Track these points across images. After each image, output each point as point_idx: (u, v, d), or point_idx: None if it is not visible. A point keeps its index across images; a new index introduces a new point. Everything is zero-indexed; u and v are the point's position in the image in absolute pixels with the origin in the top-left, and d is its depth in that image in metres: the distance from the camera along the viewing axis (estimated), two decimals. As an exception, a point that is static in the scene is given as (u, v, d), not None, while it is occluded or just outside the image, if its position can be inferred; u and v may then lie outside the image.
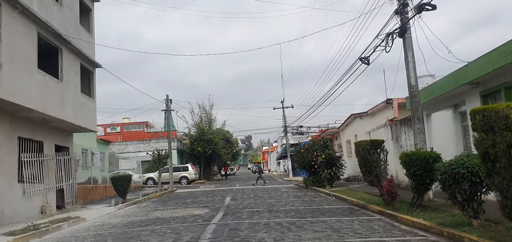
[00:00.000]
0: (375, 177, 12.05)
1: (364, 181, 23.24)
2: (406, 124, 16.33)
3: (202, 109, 50.28)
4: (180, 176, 38.07)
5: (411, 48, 12.25)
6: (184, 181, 37.58)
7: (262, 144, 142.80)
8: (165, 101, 32.34)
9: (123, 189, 20.17)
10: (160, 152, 27.80)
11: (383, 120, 19.06)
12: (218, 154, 48.29)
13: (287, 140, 46.32)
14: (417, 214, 9.93)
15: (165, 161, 28.22)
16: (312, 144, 24.56)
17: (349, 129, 25.59)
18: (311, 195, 19.12)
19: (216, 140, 47.87)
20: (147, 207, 18.13)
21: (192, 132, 49.81)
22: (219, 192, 24.85)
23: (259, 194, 21.25)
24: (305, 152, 24.19)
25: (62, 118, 15.97)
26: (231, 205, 16.22)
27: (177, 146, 47.59)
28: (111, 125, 70.51)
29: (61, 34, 15.78)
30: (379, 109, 19.46)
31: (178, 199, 21.55)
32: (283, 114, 46.19)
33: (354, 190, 18.60)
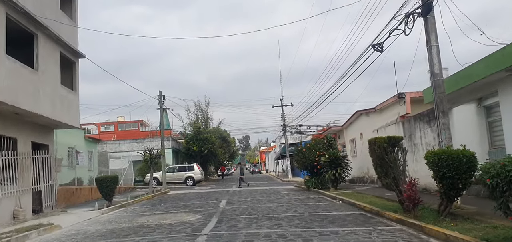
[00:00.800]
0: (393, 180, 10.37)
1: (370, 183, 21.63)
2: (422, 120, 14.68)
3: (198, 108, 48.61)
4: (186, 176, 36.44)
5: (435, 31, 10.59)
6: (190, 181, 35.95)
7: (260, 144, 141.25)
8: (158, 98, 30.61)
9: (108, 191, 18.45)
10: (151, 151, 26.08)
11: (394, 116, 17.40)
12: (214, 153, 46.59)
13: (286, 139, 44.64)
14: (448, 225, 8.27)
15: (157, 161, 26.48)
16: (314, 142, 22.89)
17: (354, 127, 23.93)
18: (314, 199, 17.44)
19: (213, 139, 46.16)
20: (134, 211, 16.43)
21: (188, 131, 48.10)
22: (214, 194, 23.15)
23: (257, 197, 19.57)
24: (307, 151, 22.52)
25: (37, 112, 14.23)
26: (226, 210, 14.52)
27: (172, 145, 45.83)
28: (105, 124, 68.83)
29: (36, 18, 14.04)
30: (389, 104, 17.81)
31: (169, 201, 19.85)
32: (282, 113, 44.51)
33: (361, 193, 16.93)
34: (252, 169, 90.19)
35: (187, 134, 47.50)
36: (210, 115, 49.08)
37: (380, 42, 12.56)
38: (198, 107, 48.54)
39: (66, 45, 16.65)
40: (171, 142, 45.89)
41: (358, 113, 22.23)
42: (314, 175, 22.61)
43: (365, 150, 22.22)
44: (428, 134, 14.32)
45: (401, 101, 16.53)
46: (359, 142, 23.00)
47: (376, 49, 12.75)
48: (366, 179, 22.19)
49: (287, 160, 43.57)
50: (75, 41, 17.82)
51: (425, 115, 14.39)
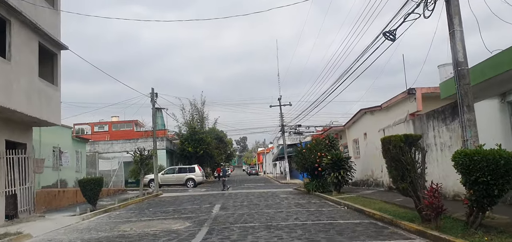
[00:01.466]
0: (410, 184, 8.98)
1: (375, 186, 20.24)
2: (436, 117, 13.29)
3: (193, 107, 47.22)
4: (186, 177, 34.97)
5: (458, 14, 9.22)
6: (191, 183, 34.52)
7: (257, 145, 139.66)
8: (151, 96, 29.16)
9: (92, 194, 17.00)
10: (142, 152, 24.61)
11: (402, 114, 16.02)
12: (210, 154, 45.18)
13: (284, 140, 43.26)
14: (481, 240, 6.90)
15: (148, 162, 25.03)
16: (315, 143, 21.49)
17: (357, 126, 22.55)
18: (316, 203, 16.03)
19: (208, 139, 44.77)
20: (119, 217, 14.99)
21: (183, 131, 46.66)
22: (209, 198, 21.72)
23: (254, 201, 18.15)
24: (307, 152, 21.12)
25: (9, 106, 12.77)
26: (219, 216, 13.09)
27: (167, 145, 44.33)
28: (99, 124, 67.36)
29: (8, 2, 12.59)
30: (397, 102, 16.42)
31: (159, 206, 18.41)
32: (280, 113, 43.14)
33: (368, 198, 15.53)
34: (249, 170, 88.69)
35: (182, 134, 46.06)
36: (206, 115, 47.74)
37: (393, 30, 11.18)
38: (194, 107, 47.23)
39: (46, 35, 15.18)
40: (166, 142, 44.40)
41: (361, 112, 20.86)
42: (315, 177, 21.22)
43: (369, 151, 20.87)
44: (443, 133, 12.93)
45: (411, 98, 15.15)
46: (363, 142, 21.62)
47: (387, 38, 11.37)
48: (371, 182, 20.81)
49: (285, 161, 42.18)
50: (56, 31, 16.35)
51: (440, 112, 13.01)
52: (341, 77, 19.80)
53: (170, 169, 36.06)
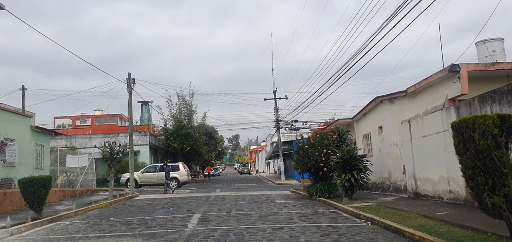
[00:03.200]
0: (505, 199, 5.27)
1: (394, 191, 16.49)
2: (497, 100, 9.59)
3: (181, 99, 43.25)
4: (169, 177, 30.82)
5: None
6: (174, 183, 30.45)
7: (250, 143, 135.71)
8: (127, 82, 25.24)
9: (36, 198, 13.09)
10: (112, 146, 20.73)
11: (439, 99, 12.33)
12: (198, 151, 41.25)
13: (279, 136, 39.53)
14: None
15: (120, 158, 21.13)
16: (320, 137, 17.75)
17: (370, 118, 18.86)
18: (326, 215, 12.31)
19: (196, 135, 40.85)
20: (65, 230, 11.20)
21: (169, 125, 42.73)
22: (190, 202, 17.93)
23: (244, 209, 14.41)
24: (310, 149, 17.39)
25: None
26: (194, 236, 9.28)
27: (151, 141, 40.42)
28: (81, 117, 63.28)
29: None
30: (431, 84, 12.70)
31: (125, 213, 14.56)
32: (275, 106, 39.37)
33: (394, 208, 11.83)
34: (241, 169, 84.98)
35: (167, 129, 42.13)
36: (194, 108, 43.80)
37: None
38: (181, 99, 43.24)
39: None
40: (149, 137, 40.49)
41: (377, 100, 17.17)
42: (319, 179, 17.53)
43: (385, 148, 17.22)
44: None
45: (453, 77, 11.44)
46: (377, 137, 17.94)
47: None
48: (387, 186, 17.14)
49: (280, 160, 38.49)
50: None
51: (506, 92, 9.30)
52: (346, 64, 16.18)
53: (151, 167, 32.13)
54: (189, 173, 32.16)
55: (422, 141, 13.41)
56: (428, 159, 13.11)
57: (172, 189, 25.41)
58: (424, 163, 13.42)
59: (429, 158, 13.00)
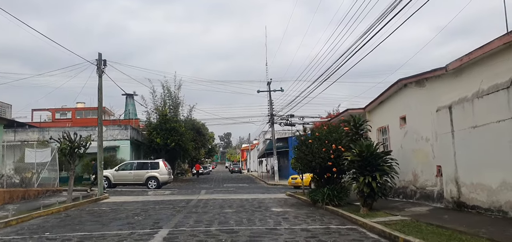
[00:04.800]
0: None
1: (423, 199, 12.86)
2: None
3: (166, 91, 39.43)
4: (147, 176, 26.89)
5: None
6: (153, 183, 26.68)
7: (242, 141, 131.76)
8: (97, 63, 21.45)
9: None
10: (72, 138, 16.98)
11: (500, 76, 8.82)
12: (184, 147, 37.57)
13: (274, 132, 35.93)
14: None
15: (80, 153, 17.37)
16: (327, 129, 14.16)
17: (388, 107, 15.33)
18: (344, 234, 8.73)
19: (182, 129, 37.19)
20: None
21: (152, 119, 38.98)
22: (163, 210, 14.28)
23: (230, 221, 10.81)
24: (315, 144, 13.79)
25: None
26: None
27: (132, 136, 36.61)
28: (61, 110, 59.23)
29: None
30: (487, 55, 9.20)
31: (69, 226, 10.86)
32: (270, 99, 35.75)
33: (441, 226, 8.29)
34: (232, 167, 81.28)
35: (150, 122, 38.37)
36: (180, 101, 40.01)
37: None
38: (166, 90, 39.41)
39: None
40: (130, 131, 36.63)
41: (399, 83, 13.63)
42: (325, 181, 13.99)
43: (409, 144, 13.66)
44: None
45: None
46: (398, 131, 14.41)
47: None
48: (411, 192, 13.61)
49: (274, 158, 34.91)
50: None
51: None
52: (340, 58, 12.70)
53: (127, 164, 28.30)
54: (170, 171, 28.37)
55: (471, 133, 9.90)
56: (480, 157, 9.61)
57: (95, 184, 21.88)
58: (473, 163, 9.91)
59: (483, 156, 9.50)
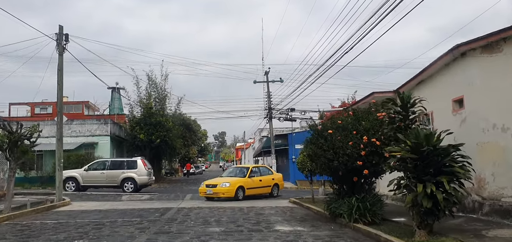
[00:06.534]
0: None
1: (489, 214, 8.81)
2: None
3: (151, 82, 35.26)
4: (123, 177, 22.65)
5: None
6: (130, 186, 22.50)
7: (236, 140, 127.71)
8: (57, 39, 17.36)
9: None
10: (12, 128, 12.91)
11: None
12: (171, 145, 33.46)
13: (272, 127, 31.91)
14: None
15: (26, 147, 13.29)
16: (354, 116, 10.14)
17: (434, 87, 11.29)
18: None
19: (169, 124, 33.09)
20: None
21: (135, 112, 34.86)
22: (126, 225, 10.28)
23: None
24: (336, 135, 9.76)
25: None
26: None
27: (113, 131, 32.51)
28: (42, 104, 54.93)
29: None
30: None
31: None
32: (268, 91, 31.71)
33: None
34: (225, 167, 77.11)
35: (133, 117, 34.25)
36: (168, 93, 35.86)
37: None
38: (152, 82, 35.23)
39: None
40: (111, 126, 32.52)
41: (455, 52, 9.64)
42: (350, 188, 10.02)
43: (470, 136, 9.57)
44: None
45: None
46: (450, 118, 10.44)
47: None
48: (475, 205, 9.58)
49: (272, 157, 30.91)
50: None
51: None
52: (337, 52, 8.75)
53: (99, 163, 24.09)
54: (151, 171, 24.20)
55: None
56: None
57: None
58: None
59: None
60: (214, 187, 17.15)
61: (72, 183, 23.12)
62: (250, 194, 17.73)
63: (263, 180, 18.80)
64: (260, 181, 18.58)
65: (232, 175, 19.02)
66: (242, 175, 18.35)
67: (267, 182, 19.04)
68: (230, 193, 16.82)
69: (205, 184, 17.73)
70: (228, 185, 17.02)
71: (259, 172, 19.31)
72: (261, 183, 18.63)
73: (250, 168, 19.22)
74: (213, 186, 17.22)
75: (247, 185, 17.63)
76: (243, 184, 17.44)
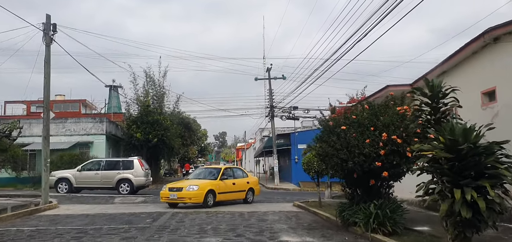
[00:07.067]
0: None
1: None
2: None
3: (149, 80, 34.04)
4: (118, 178, 21.32)
5: None
6: (125, 187, 21.22)
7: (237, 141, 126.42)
8: (44, 28, 16.13)
9: None
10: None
11: None
12: (169, 144, 32.22)
13: (274, 126, 30.69)
14: None
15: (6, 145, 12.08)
16: (370, 110, 8.88)
17: (459, 79, 10.09)
18: None
19: (167, 123, 31.87)
20: None
21: (132, 110, 33.64)
22: (112, 232, 9.06)
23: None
24: (351, 131, 8.52)
25: None
26: None
27: (108, 129, 31.39)
28: (37, 102, 53.74)
29: None
30: None
31: None
32: (270, 89, 30.50)
33: None
34: (226, 167, 75.82)
35: (130, 115, 33.03)
36: (166, 90, 34.64)
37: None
38: (150, 79, 34.02)
39: None
40: (107, 125, 31.40)
41: (487, 36, 8.30)
42: (366, 193, 8.79)
43: (506, 129, 8.53)
44: None
45: None
46: (478, 113, 9.18)
47: None
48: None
49: (274, 157, 29.70)
50: None
51: None
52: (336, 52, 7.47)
53: (93, 163, 22.86)
54: (148, 172, 22.96)
55: None
56: None
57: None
58: None
59: None
60: (179, 190, 14.55)
61: (64, 184, 21.87)
62: (222, 199, 15.43)
63: (237, 184, 16.28)
64: (234, 184, 16.07)
65: (201, 177, 16.42)
66: (213, 177, 15.76)
67: (241, 186, 16.48)
68: (198, 198, 14.32)
69: (168, 187, 15.04)
70: (196, 189, 14.42)
71: (232, 174, 16.80)
72: (235, 186, 16.09)
73: (222, 169, 16.76)
74: (178, 190, 14.60)
75: (218, 189, 15.16)
76: (214, 188, 14.96)
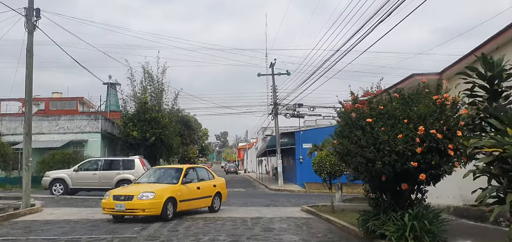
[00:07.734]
0: None
1: None
2: None
3: (147, 76, 32.54)
4: (118, 178, 19.60)
5: None
6: None
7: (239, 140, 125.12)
8: (26, 13, 14.64)
9: None
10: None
11: None
12: (167, 143, 30.66)
13: (277, 124, 29.12)
14: None
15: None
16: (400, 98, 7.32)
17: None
18: None
19: (166, 121, 30.33)
20: None
21: (129, 108, 32.17)
22: None
23: None
24: (378, 123, 6.96)
25: None
26: None
27: (104, 127, 29.92)
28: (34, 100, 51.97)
29: None
30: None
31: None
32: (273, 85, 28.95)
33: None
34: (227, 167, 74.45)
35: (126, 112, 31.53)
36: (165, 87, 33.12)
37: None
38: (148, 75, 32.52)
39: None
40: (102, 122, 29.95)
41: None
42: (395, 199, 7.22)
43: None
44: None
45: None
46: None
47: None
48: None
49: (277, 157, 28.14)
50: None
51: None
52: None
53: (91, 162, 21.24)
54: (149, 171, 21.42)
55: None
56: None
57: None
58: None
59: None
60: (129, 199, 11.01)
61: (59, 185, 20.37)
62: (184, 209, 12.11)
63: (202, 188, 12.99)
64: (198, 189, 12.76)
65: (157, 180, 12.87)
66: (173, 181, 12.38)
67: (207, 191, 13.20)
68: (155, 209, 10.91)
69: (112, 195, 11.51)
70: (152, 197, 10.97)
71: (196, 176, 13.47)
72: (200, 191, 12.77)
73: (184, 169, 13.10)
74: (127, 198, 11.06)
75: (180, 196, 11.82)
76: (174, 195, 11.60)
